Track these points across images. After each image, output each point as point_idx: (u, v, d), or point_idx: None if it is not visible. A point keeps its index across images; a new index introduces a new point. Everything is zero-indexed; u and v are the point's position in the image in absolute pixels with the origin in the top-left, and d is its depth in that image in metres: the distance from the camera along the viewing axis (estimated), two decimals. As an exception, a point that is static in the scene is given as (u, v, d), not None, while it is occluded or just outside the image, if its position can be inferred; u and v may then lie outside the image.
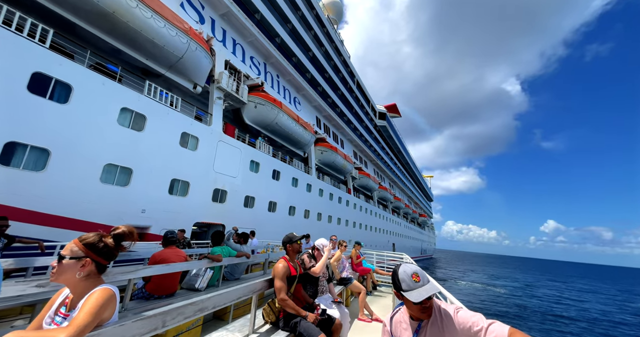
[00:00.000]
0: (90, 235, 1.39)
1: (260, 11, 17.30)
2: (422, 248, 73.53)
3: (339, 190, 26.50)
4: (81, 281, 1.31)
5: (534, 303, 23.57)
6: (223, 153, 13.46)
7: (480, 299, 22.94)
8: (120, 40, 9.81)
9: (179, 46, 10.79)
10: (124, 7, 8.88)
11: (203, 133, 12.40)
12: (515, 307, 20.94)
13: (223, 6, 14.70)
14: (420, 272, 1.41)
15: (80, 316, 1.18)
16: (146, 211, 9.91)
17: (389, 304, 5.89)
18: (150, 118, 10.11)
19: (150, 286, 3.72)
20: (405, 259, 9.02)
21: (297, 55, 21.51)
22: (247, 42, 17.15)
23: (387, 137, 50.12)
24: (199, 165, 12.16)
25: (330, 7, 35.35)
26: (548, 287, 37.15)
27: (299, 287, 2.93)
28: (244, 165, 14.81)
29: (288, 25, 20.80)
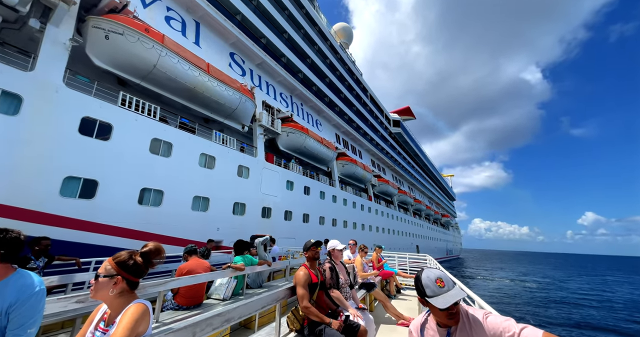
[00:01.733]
0: (122, 254, 1.47)
1: (285, 55, 20.66)
2: (448, 249, 73.54)
3: (360, 198, 29.10)
4: (116, 297, 1.39)
5: (559, 295, 24.66)
6: (267, 177, 16.66)
7: (503, 293, 24.43)
8: (194, 103, 13.28)
9: (234, 101, 14.15)
10: (200, 82, 12.32)
11: (252, 163, 15.65)
12: (536, 301, 22.33)
13: (258, 58, 18.14)
14: (445, 277, 1.36)
15: (118, 331, 1.25)
16: (220, 228, 13.17)
17: (414, 307, 5.78)
18: (218, 158, 13.46)
19: (179, 297, 3.87)
20: (428, 260, 8.83)
21: (317, 84, 24.70)
22: (276, 82, 20.53)
23: (402, 142, 52.07)
24: (251, 189, 15.38)
25: (341, 33, 38.71)
26: (578, 282, 37.15)
27: (321, 294, 2.92)
28: (281, 185, 17.93)
29: (307, 60, 24.10)
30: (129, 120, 10.10)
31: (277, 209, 17.16)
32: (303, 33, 23.80)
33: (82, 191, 8.65)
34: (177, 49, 11.37)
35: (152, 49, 10.45)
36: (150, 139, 10.72)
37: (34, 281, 1.51)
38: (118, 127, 9.67)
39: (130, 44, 9.95)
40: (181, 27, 13.68)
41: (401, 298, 6.66)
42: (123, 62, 10.24)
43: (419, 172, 60.24)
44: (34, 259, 4.03)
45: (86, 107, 8.96)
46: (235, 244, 5.10)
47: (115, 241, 9.23)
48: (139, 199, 10.13)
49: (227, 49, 16.48)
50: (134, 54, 10.16)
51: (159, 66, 10.78)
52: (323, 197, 22.27)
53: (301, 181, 19.89)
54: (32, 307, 1.44)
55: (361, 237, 26.82)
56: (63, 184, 8.23)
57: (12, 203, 7.21)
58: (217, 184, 13.21)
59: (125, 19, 9.93)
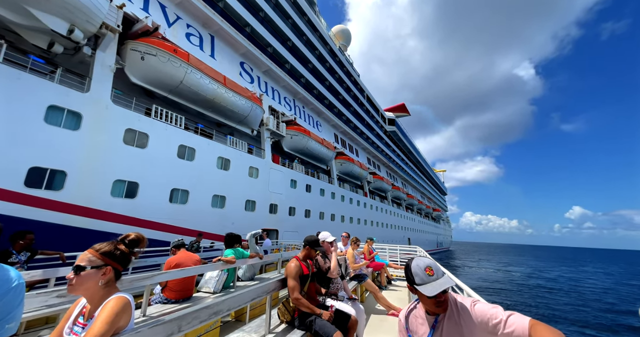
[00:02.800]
0: (104, 244, 1.44)
1: (289, 62, 22.13)
2: (438, 241, 76.78)
3: (356, 194, 31.08)
4: (99, 290, 1.34)
5: (536, 283, 27.31)
6: (273, 177, 18.38)
7: (485, 280, 26.96)
8: (211, 111, 14.82)
9: (246, 109, 15.73)
10: (219, 93, 13.87)
11: (261, 164, 17.34)
12: (512, 286, 24.88)
13: (265, 66, 19.62)
14: (434, 266, 1.39)
15: (96, 325, 1.21)
16: (234, 223, 14.93)
17: (404, 297, 5.92)
18: (232, 161, 15.12)
19: (167, 291, 3.81)
20: (418, 252, 8.97)
21: (317, 88, 26.25)
22: (280, 87, 22.05)
23: (397, 140, 54.05)
24: (260, 188, 17.10)
25: (340, 35, 40.01)
26: (556, 272, 40.22)
27: (312, 285, 2.94)
28: (286, 184, 19.69)
29: (309, 65, 25.57)
30: (161, 129, 11.69)
31: (283, 206, 18.96)
32: (305, 39, 25.21)
33: (127, 192, 10.30)
34: (200, 66, 12.88)
35: (180, 67, 11.97)
36: (178, 145, 12.33)
37: (12, 276, 1.43)
38: (153, 136, 11.26)
39: (162, 64, 11.46)
40: (199, 42, 15.11)
41: (392, 289, 6.74)
42: (155, 79, 11.76)
43: (412, 168, 62.55)
44: (16, 253, 3.96)
45: (128, 120, 10.53)
46: (226, 237, 5.07)
47: (152, 233, 10.94)
48: (170, 198, 11.81)
49: (237, 59, 17.94)
50: (164, 72, 11.67)
51: (185, 81, 12.31)
52: (323, 194, 24.14)
53: (303, 179, 21.66)
54: (10, 302, 1.36)
55: (357, 231, 28.88)
56: (113, 186, 9.86)
57: (78, 203, 8.85)
58: (232, 184, 14.91)
59: (158, 42, 11.40)
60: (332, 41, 31.55)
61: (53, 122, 8.52)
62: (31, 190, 7.93)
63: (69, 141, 8.81)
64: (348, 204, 28.49)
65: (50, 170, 8.34)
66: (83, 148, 9.13)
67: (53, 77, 8.94)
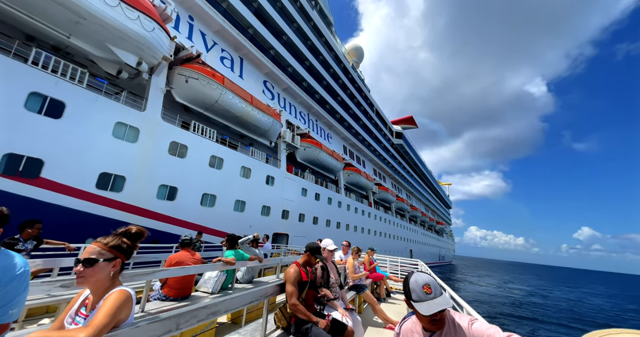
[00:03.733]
0: (110, 238, 1.48)
1: (306, 80, 24.11)
2: (440, 255, 76.90)
3: (362, 204, 32.49)
4: (105, 282, 1.38)
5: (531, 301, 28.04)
6: (287, 185, 20.06)
7: (483, 297, 27.81)
8: (236, 125, 16.67)
9: (268, 124, 17.57)
10: (246, 111, 15.74)
11: (276, 173, 19.06)
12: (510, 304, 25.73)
13: (284, 84, 21.59)
14: (433, 284, 1.36)
15: (98, 316, 1.24)
16: (252, 226, 16.55)
17: (403, 311, 5.84)
18: (253, 170, 16.87)
19: (166, 288, 3.81)
20: (419, 266, 8.87)
21: (330, 103, 28.15)
22: (297, 102, 23.98)
23: (403, 152, 55.48)
24: (275, 195, 18.77)
25: (353, 53, 42.29)
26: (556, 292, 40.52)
27: (310, 293, 2.92)
28: (297, 192, 21.32)
29: (323, 82, 27.56)
30: (197, 142, 13.52)
31: (294, 212, 20.56)
32: (321, 59, 27.28)
33: (168, 195, 12.07)
34: (232, 87, 14.80)
35: (216, 89, 13.88)
36: (210, 155, 14.15)
37: (18, 262, 1.45)
38: (191, 148, 13.09)
39: (202, 86, 13.38)
40: (230, 64, 17.12)
41: (390, 302, 6.62)
42: (195, 98, 13.68)
43: (417, 180, 63.64)
44: (23, 241, 4.01)
45: (172, 134, 12.39)
46: (227, 238, 5.06)
47: (186, 231, 12.63)
48: (201, 201, 13.55)
49: (261, 78, 19.93)
50: (203, 93, 13.59)
51: (219, 101, 14.21)
52: (330, 203, 25.68)
53: (313, 188, 23.29)
54: (15, 288, 1.38)
55: (360, 240, 30.21)
56: (158, 190, 11.64)
57: (132, 203, 10.63)
58: (251, 191, 16.62)
59: (199, 68, 13.36)
60: (346, 59, 33.63)
61: (118, 135, 10.39)
62: (100, 191, 9.74)
63: (128, 151, 10.65)
64: (353, 213, 29.93)
65: (114, 175, 10.16)
66: (138, 157, 10.97)
67: (118, 98, 10.89)
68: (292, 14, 22.75)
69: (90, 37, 9.15)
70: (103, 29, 8.97)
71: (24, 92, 8.22)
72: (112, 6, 8.82)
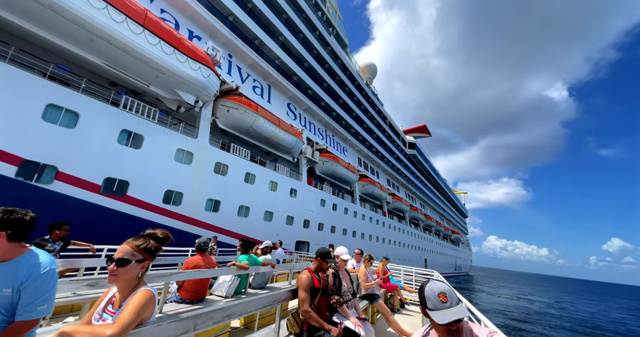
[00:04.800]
0: (140, 240, 1.56)
1: (324, 100, 26.43)
2: (457, 264, 75.94)
3: (376, 214, 33.99)
4: (134, 281, 1.48)
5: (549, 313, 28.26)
6: (308, 197, 22.09)
7: (498, 306, 28.32)
8: (265, 144, 19.00)
9: (292, 142, 19.81)
10: (275, 133, 18.06)
11: (299, 186, 21.15)
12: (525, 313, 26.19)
13: (305, 105, 23.96)
14: (449, 292, 1.34)
15: (124, 314, 1.32)
16: (278, 234, 18.60)
17: (418, 323, 5.72)
18: (279, 184, 19.04)
19: (183, 291, 3.93)
20: (435, 276, 8.80)
21: (345, 119, 30.29)
22: (316, 120, 26.26)
23: (416, 162, 56.55)
24: (297, 206, 20.81)
25: (367, 69, 44.66)
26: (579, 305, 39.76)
27: (323, 299, 2.93)
28: (317, 202, 23.29)
29: (339, 100, 29.81)
30: (236, 161, 15.86)
31: (314, 222, 22.50)
32: (337, 80, 29.63)
33: (214, 208, 14.35)
34: (263, 114, 17.18)
35: (251, 116, 16.28)
36: (245, 172, 16.45)
37: (46, 260, 1.53)
38: (231, 167, 15.43)
39: (240, 114, 15.81)
40: (260, 92, 19.64)
41: (405, 313, 6.47)
42: (234, 124, 16.11)
43: (431, 189, 64.13)
44: (52, 242, 4.20)
45: (217, 156, 14.77)
46: (241, 243, 5.13)
47: (227, 239, 14.81)
48: (237, 212, 15.78)
49: (285, 101, 22.37)
50: (241, 120, 16.00)
51: (254, 126, 16.59)
52: (346, 213, 27.45)
53: (331, 199, 25.21)
54: (43, 285, 1.46)
55: (375, 249, 31.60)
56: (206, 203, 13.95)
57: (188, 214, 12.94)
58: (277, 203, 18.75)
59: (238, 99, 15.83)
60: (360, 77, 35.88)
61: (178, 159, 12.83)
62: (165, 205, 12.10)
63: (185, 172, 13.05)
64: (368, 222, 31.48)
65: (175, 192, 12.54)
66: (192, 176, 13.35)
67: (177, 128, 13.39)
68: (312, 42, 25.32)
69: (163, 84, 11.72)
70: (174, 79, 11.51)
71: (117, 130, 10.76)
72: (181, 62, 11.36)
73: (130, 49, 9.90)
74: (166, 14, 13.92)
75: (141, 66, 10.66)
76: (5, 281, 1.43)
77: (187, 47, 11.69)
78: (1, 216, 1.49)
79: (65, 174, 9.26)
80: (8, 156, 8.17)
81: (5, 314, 1.43)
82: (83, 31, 8.89)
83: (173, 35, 11.19)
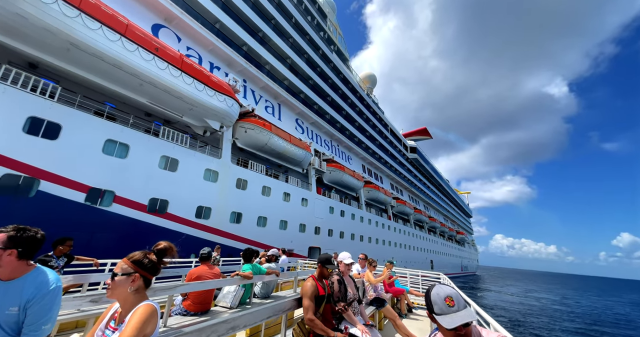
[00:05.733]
0: (136, 253, 1.55)
1: (329, 113, 28.24)
2: (463, 265, 76.68)
3: (381, 218, 35.47)
4: (130, 296, 1.45)
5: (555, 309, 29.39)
6: (317, 205, 23.72)
7: (504, 304, 29.52)
8: (277, 158, 20.73)
9: (302, 155, 21.54)
10: (287, 149, 19.81)
11: (309, 196, 22.81)
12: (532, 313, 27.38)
13: (311, 119, 25.78)
14: (455, 296, 1.32)
15: (126, 330, 1.31)
16: (292, 241, 20.22)
17: (426, 328, 5.65)
18: (292, 194, 20.72)
19: (187, 302, 3.88)
20: (442, 279, 8.72)
21: (349, 129, 32.05)
22: (322, 132, 28.05)
23: (418, 165, 58.03)
24: (308, 214, 22.44)
25: (367, 79, 46.66)
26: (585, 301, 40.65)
27: (328, 307, 2.91)
28: (326, 210, 24.91)
29: (343, 112, 31.62)
30: (254, 176, 17.59)
31: (324, 228, 24.10)
32: (340, 93, 31.50)
33: (236, 219, 16.04)
34: (277, 132, 18.96)
35: (266, 135, 18.06)
36: (262, 186, 18.16)
37: (51, 278, 1.54)
38: (250, 182, 17.16)
39: (257, 134, 17.60)
40: (272, 110, 21.49)
41: (412, 318, 6.41)
42: (251, 143, 17.89)
43: (434, 191, 65.43)
44: (56, 258, 4.19)
45: (238, 172, 16.51)
46: (244, 253, 5.06)
47: (243, 246, 16.47)
48: (257, 223, 17.46)
49: (294, 117, 24.20)
50: (257, 139, 17.78)
51: (268, 143, 18.37)
52: (353, 218, 29.02)
53: (339, 206, 26.82)
54: (48, 304, 1.47)
55: (382, 252, 33.05)
56: (230, 216, 15.65)
57: (215, 226, 14.63)
58: (291, 212, 20.41)
59: (254, 120, 17.63)
60: (361, 88, 37.74)
61: (207, 178, 14.58)
62: (197, 219, 13.82)
63: (212, 189, 14.79)
64: (374, 226, 32.99)
65: (204, 207, 14.27)
66: (218, 192, 15.08)
67: (204, 150, 15.18)
68: (316, 61, 27.25)
69: (194, 115, 13.54)
70: (204, 110, 13.34)
71: (158, 156, 12.55)
72: (210, 96, 13.19)
73: (171, 90, 11.76)
74: (192, 50, 15.86)
75: (178, 102, 12.50)
76: (12, 299, 1.44)
77: (214, 83, 13.53)
78: (14, 234, 1.51)
79: (121, 197, 11.03)
80: (79, 185, 9.95)
81: (11, 333, 1.42)
82: (136, 79, 10.74)
83: (203, 73, 13.06)
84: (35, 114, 9.18)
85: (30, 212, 8.87)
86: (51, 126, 9.50)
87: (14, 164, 8.65)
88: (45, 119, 9.39)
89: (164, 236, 12.17)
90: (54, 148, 9.49)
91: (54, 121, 9.55)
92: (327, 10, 34.29)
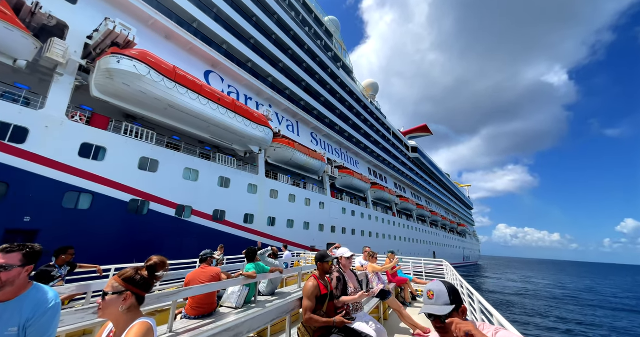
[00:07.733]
0: (127, 270, 1.49)
1: (338, 124, 31.83)
2: (465, 255, 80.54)
3: (387, 215, 39.22)
4: (123, 315, 1.39)
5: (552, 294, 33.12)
6: (332, 207, 27.47)
7: (497, 288, 33.27)
8: (299, 169, 24.38)
9: (318, 165, 25.21)
10: (308, 161, 23.48)
11: (325, 200, 26.54)
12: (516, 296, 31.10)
13: (324, 132, 29.40)
14: (439, 292, 1.41)
15: None
16: (314, 239, 24.00)
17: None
18: (311, 199, 24.44)
19: (188, 307, 3.83)
20: (444, 265, 8.96)
21: (356, 137, 35.66)
22: (333, 142, 31.70)
23: (420, 164, 61.51)
24: (325, 215, 26.19)
25: (369, 87, 50.04)
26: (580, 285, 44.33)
27: (332, 305, 2.93)
28: (339, 211, 28.67)
29: (350, 121, 35.20)
30: (284, 187, 21.32)
31: (338, 227, 27.90)
32: (347, 105, 35.00)
33: (272, 223, 19.82)
34: (299, 148, 22.62)
35: (290, 152, 21.73)
36: (289, 194, 21.91)
37: (50, 296, 1.53)
38: (280, 191, 20.89)
39: (283, 151, 21.27)
40: (292, 128, 25.14)
41: (417, 306, 6.43)
42: (278, 159, 21.59)
43: (435, 187, 69.00)
44: (58, 267, 4.19)
45: (271, 184, 20.24)
46: (246, 252, 5.05)
47: (279, 245, 20.27)
48: (286, 225, 21.25)
49: (309, 131, 27.83)
50: (284, 155, 21.47)
51: (293, 159, 22.05)
52: (362, 217, 32.79)
53: (350, 207, 30.59)
54: (48, 322, 1.45)
55: (388, 245, 36.85)
56: (267, 220, 19.42)
57: (258, 229, 18.41)
58: (311, 214, 24.18)
59: (281, 140, 21.30)
60: (364, 96, 41.18)
61: (250, 191, 18.33)
62: (245, 224, 17.60)
63: (253, 200, 18.55)
64: (381, 223, 36.80)
65: (248, 214, 18.03)
66: (258, 202, 18.84)
67: (244, 168, 18.89)
68: (326, 79, 30.76)
69: (241, 143, 17.25)
70: (249, 139, 17.04)
71: (217, 177, 16.28)
72: (253, 129, 16.88)
73: (228, 128, 15.48)
74: (232, 88, 19.50)
75: (231, 135, 16.22)
76: (12, 319, 1.41)
77: (256, 117, 17.21)
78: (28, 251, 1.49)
79: (196, 210, 14.82)
80: (171, 204, 13.73)
81: None
82: (205, 123, 14.47)
83: (248, 112, 16.74)
84: (144, 154, 12.92)
85: (146, 225, 12.67)
86: (153, 162, 13.25)
87: (135, 192, 12.43)
88: (149, 158, 13.14)
89: (224, 239, 15.95)
90: (156, 178, 13.25)
91: (155, 158, 13.31)
92: (333, 30, 37.59)
